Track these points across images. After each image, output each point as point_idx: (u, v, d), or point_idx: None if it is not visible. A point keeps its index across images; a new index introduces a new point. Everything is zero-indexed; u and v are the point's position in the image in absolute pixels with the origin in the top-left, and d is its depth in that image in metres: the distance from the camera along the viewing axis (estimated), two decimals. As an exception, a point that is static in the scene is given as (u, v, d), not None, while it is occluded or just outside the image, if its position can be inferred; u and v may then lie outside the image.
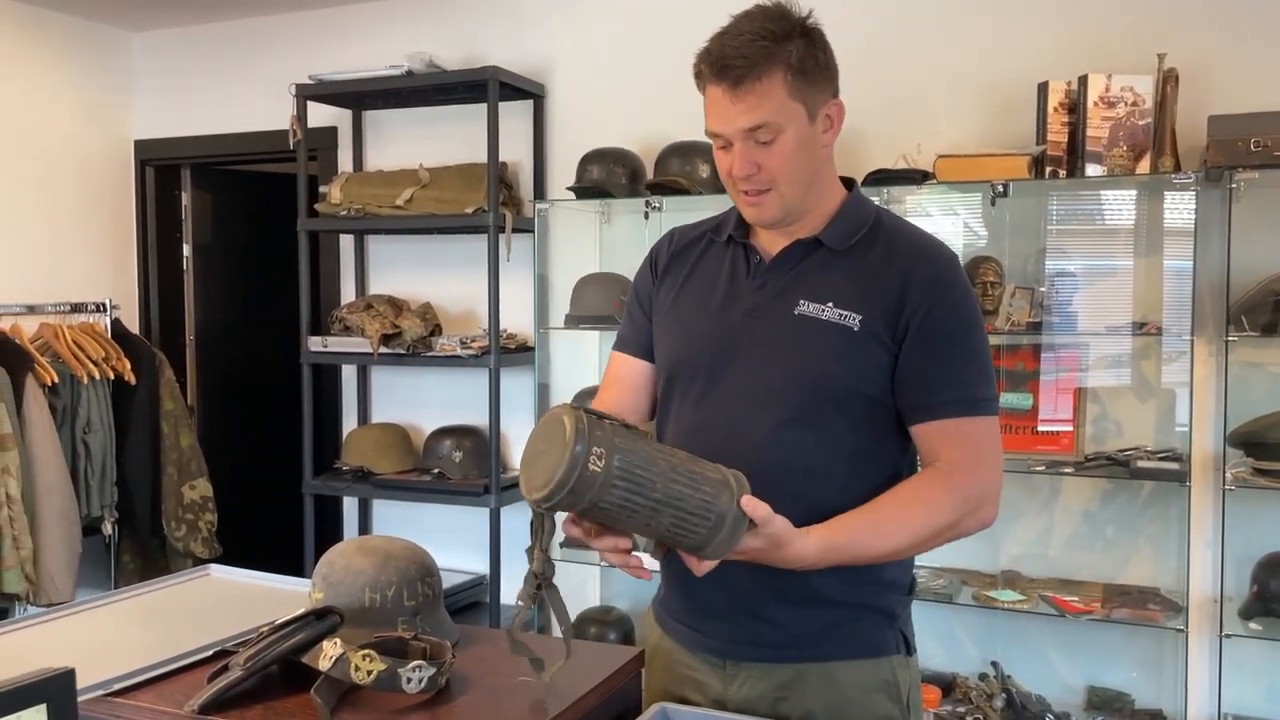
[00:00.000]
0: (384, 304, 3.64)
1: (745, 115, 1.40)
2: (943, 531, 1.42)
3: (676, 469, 1.24)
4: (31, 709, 0.92)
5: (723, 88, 1.41)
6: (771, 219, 1.49)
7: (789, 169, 1.43)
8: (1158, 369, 2.97)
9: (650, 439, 1.28)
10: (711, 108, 1.45)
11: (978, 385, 1.44)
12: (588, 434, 1.19)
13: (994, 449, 1.46)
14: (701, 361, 1.50)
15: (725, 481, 1.27)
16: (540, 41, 3.68)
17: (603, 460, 1.18)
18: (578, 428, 1.19)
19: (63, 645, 1.61)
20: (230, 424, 4.65)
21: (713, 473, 1.27)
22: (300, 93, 3.65)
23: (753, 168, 1.43)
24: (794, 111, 1.41)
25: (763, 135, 1.41)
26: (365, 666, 1.31)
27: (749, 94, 1.39)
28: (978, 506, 1.43)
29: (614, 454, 1.20)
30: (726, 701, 1.49)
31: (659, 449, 1.26)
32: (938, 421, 1.43)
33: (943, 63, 3.15)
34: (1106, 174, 2.81)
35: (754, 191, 1.45)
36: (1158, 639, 2.91)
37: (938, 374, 1.43)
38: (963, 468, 1.42)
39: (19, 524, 3.31)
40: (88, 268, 4.22)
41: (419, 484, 3.57)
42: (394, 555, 1.56)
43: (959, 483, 1.42)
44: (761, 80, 1.39)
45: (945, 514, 1.41)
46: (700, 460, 1.28)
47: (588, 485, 1.19)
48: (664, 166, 3.28)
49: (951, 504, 1.41)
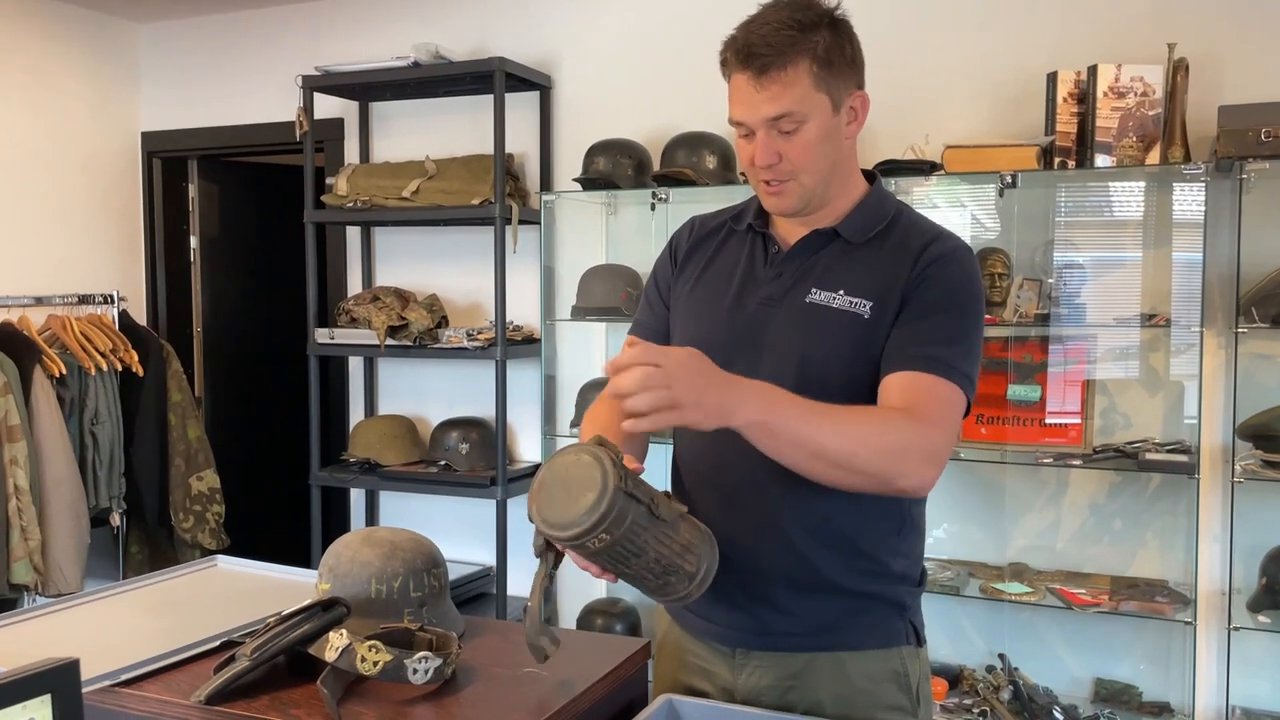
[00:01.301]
0: (390, 296, 3.64)
1: (769, 104, 1.39)
2: (880, 456, 1.30)
3: (670, 538, 1.27)
4: (36, 699, 0.92)
5: (748, 75, 1.40)
6: (791, 209, 1.48)
7: (811, 159, 1.42)
8: (1166, 361, 2.96)
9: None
10: (735, 95, 1.43)
11: (957, 357, 1.39)
12: (620, 490, 1.20)
13: (953, 416, 1.39)
14: (718, 350, 1.47)
15: (705, 536, 1.32)
16: (547, 33, 3.67)
17: (629, 513, 1.21)
18: (615, 485, 1.20)
19: (70, 636, 1.61)
20: (237, 415, 4.66)
21: (696, 532, 1.31)
22: (307, 84, 3.64)
23: (774, 157, 1.42)
24: (818, 102, 1.40)
25: (786, 125, 1.40)
26: (371, 658, 1.31)
27: (773, 83, 1.38)
28: (924, 455, 1.33)
29: (631, 504, 1.22)
30: (735, 690, 1.49)
31: (672, 518, 1.29)
32: (904, 373, 1.38)
33: (951, 53, 3.14)
34: (1116, 165, 2.80)
35: (775, 181, 1.45)
36: (1165, 632, 2.90)
37: (912, 334, 1.40)
38: (920, 414, 1.34)
39: (27, 515, 3.32)
40: (95, 260, 4.22)
41: (425, 476, 3.57)
42: (400, 547, 1.56)
43: (917, 418, 1.34)
44: (787, 70, 1.38)
45: (890, 437, 1.31)
46: (694, 529, 1.32)
47: (614, 535, 1.21)
48: (670, 158, 3.27)
49: (899, 431, 1.32)
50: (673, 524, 1.28)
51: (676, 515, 1.29)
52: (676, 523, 1.28)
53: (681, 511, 1.30)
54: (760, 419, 1.26)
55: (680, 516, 1.30)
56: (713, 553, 1.31)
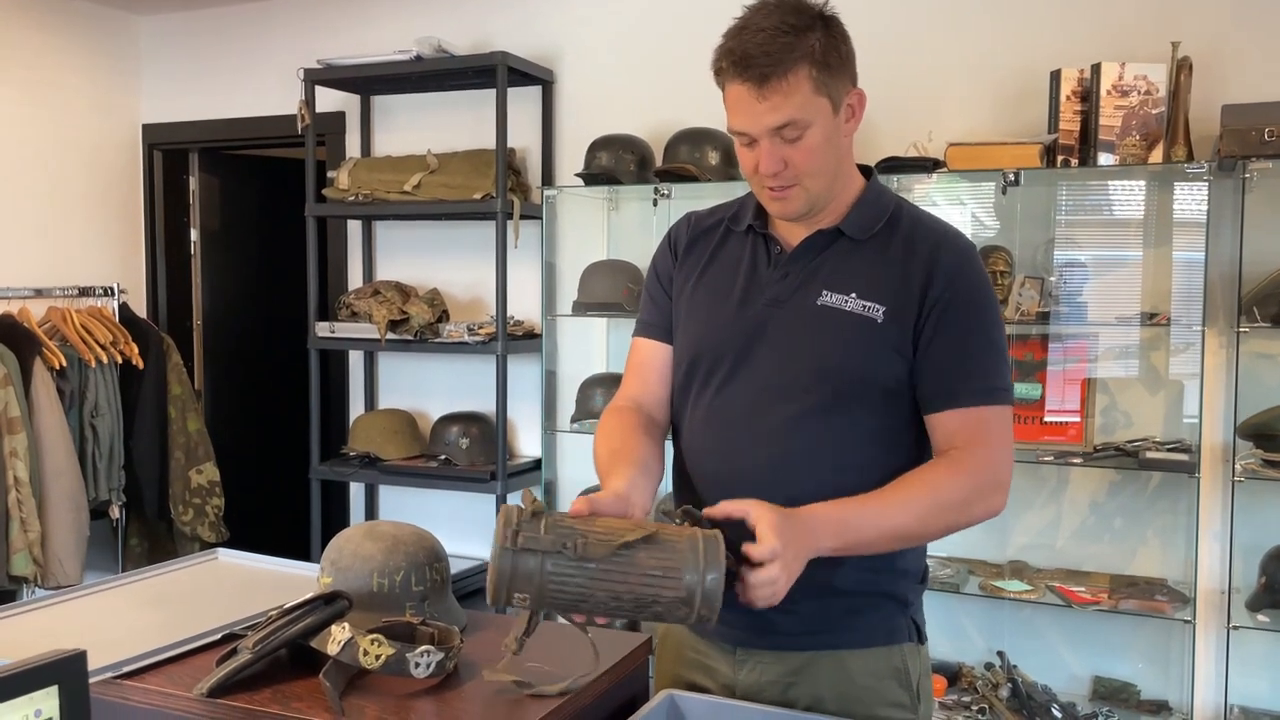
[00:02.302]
0: (391, 290, 3.63)
1: (772, 114, 1.37)
2: (950, 512, 1.40)
3: (622, 592, 1.21)
4: (44, 690, 0.92)
5: (747, 86, 1.37)
6: (796, 213, 1.47)
7: (816, 163, 1.41)
8: (1167, 360, 2.96)
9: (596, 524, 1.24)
10: (736, 106, 1.41)
11: (994, 375, 1.43)
12: (518, 537, 1.20)
13: (1006, 436, 1.45)
14: (723, 351, 1.49)
15: (686, 554, 1.22)
16: (549, 27, 3.66)
17: (524, 597, 1.21)
18: (508, 531, 1.20)
19: (71, 628, 1.61)
20: (237, 409, 4.65)
21: (670, 554, 1.22)
22: (308, 77, 3.64)
23: (780, 164, 1.40)
24: (820, 106, 1.39)
25: (790, 133, 1.38)
26: (374, 651, 1.31)
27: (774, 93, 1.36)
28: (988, 490, 1.41)
29: (541, 587, 1.21)
30: (736, 687, 1.49)
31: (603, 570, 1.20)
32: (953, 411, 1.42)
33: (955, 50, 3.14)
34: (1119, 163, 2.80)
35: (779, 187, 1.43)
36: (1164, 630, 2.91)
37: (955, 363, 1.42)
38: (973, 452, 1.41)
39: (27, 507, 3.32)
40: (95, 252, 4.22)
41: (425, 470, 3.57)
42: (402, 541, 1.56)
43: (968, 465, 1.40)
44: (787, 78, 1.36)
45: (952, 494, 1.39)
46: (661, 537, 1.23)
47: (529, 584, 1.20)
48: (673, 153, 3.27)
49: (959, 485, 1.40)
50: (614, 559, 1.20)
51: (613, 549, 1.20)
52: (621, 556, 1.20)
53: (645, 534, 1.22)
54: (836, 546, 1.33)
55: (642, 542, 1.21)
56: (708, 567, 1.21)
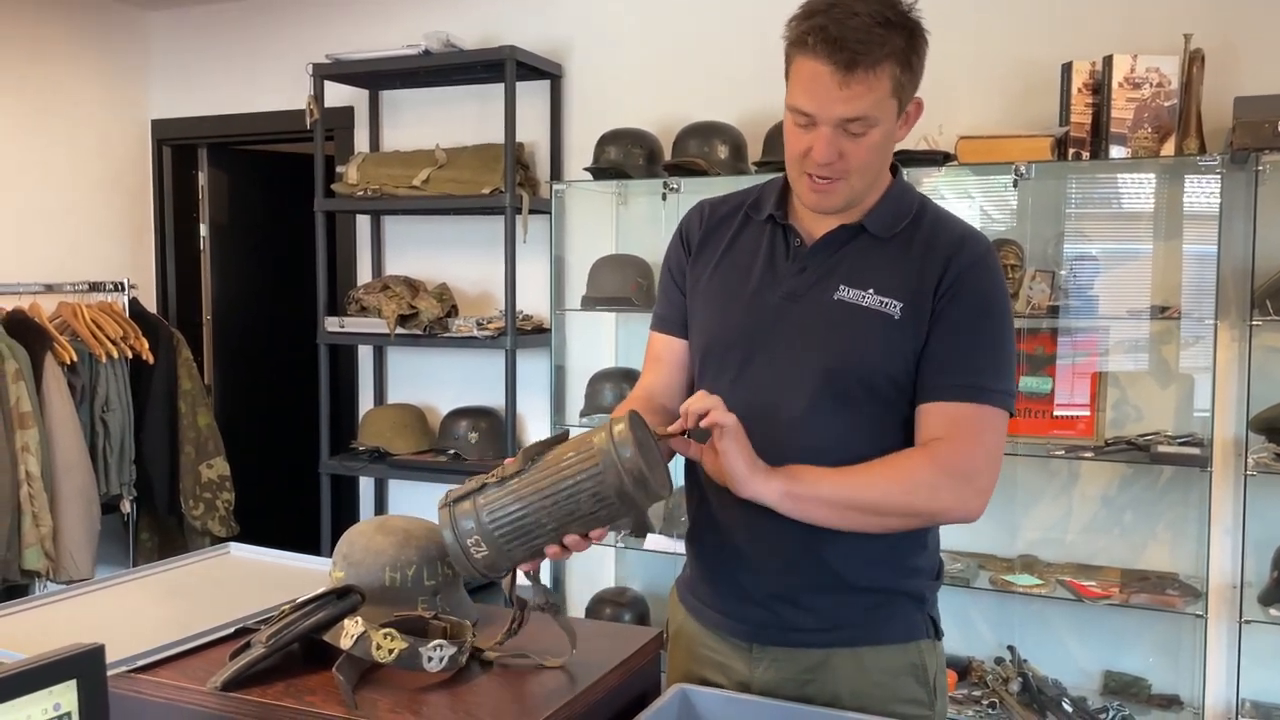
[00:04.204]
0: (400, 285, 3.64)
1: (848, 104, 1.32)
2: (913, 495, 1.35)
3: (549, 490, 1.26)
4: (63, 684, 0.92)
5: (831, 68, 1.30)
6: (835, 207, 1.43)
7: (869, 162, 1.38)
8: (1178, 353, 2.95)
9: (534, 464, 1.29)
10: (809, 85, 1.33)
11: (990, 374, 1.39)
12: (452, 524, 1.30)
13: (992, 438, 1.39)
14: (736, 343, 1.47)
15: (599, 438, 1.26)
16: (558, 21, 3.66)
17: (475, 539, 1.28)
18: (442, 521, 1.31)
19: (84, 622, 1.61)
20: (247, 404, 4.66)
21: (583, 444, 1.27)
22: (317, 72, 3.64)
23: (835, 156, 1.36)
24: (890, 107, 1.36)
25: (857, 127, 1.34)
26: (386, 645, 1.31)
27: (858, 83, 1.31)
28: (960, 482, 1.36)
29: (482, 522, 1.28)
30: (751, 684, 1.48)
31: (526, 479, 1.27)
32: (941, 403, 1.39)
33: (966, 42, 3.12)
34: (1130, 156, 2.78)
35: (825, 179, 1.39)
36: (1176, 624, 2.90)
37: (951, 356, 1.39)
38: (952, 444, 1.37)
39: (39, 501, 3.33)
40: (105, 247, 4.23)
41: (435, 464, 3.57)
42: (414, 535, 1.56)
43: (943, 454, 1.36)
44: (875, 71, 1.31)
45: (918, 475, 1.35)
46: (577, 437, 1.29)
47: (473, 557, 1.30)
48: (682, 147, 3.26)
49: (927, 468, 1.36)
50: (531, 468, 1.27)
51: (528, 459, 1.28)
52: (537, 461, 1.28)
53: (557, 438, 1.31)
54: (786, 487, 1.34)
55: (554, 442, 1.29)
56: (620, 443, 1.24)
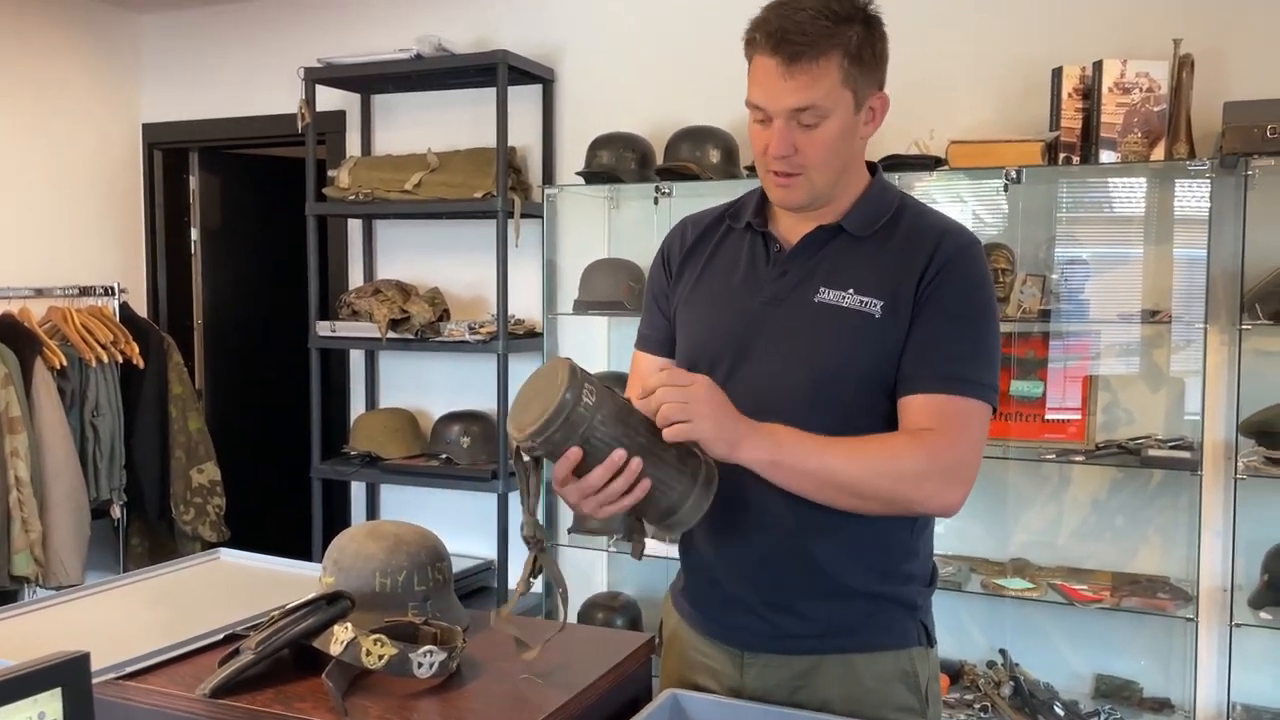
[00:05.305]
0: (392, 289, 3.63)
1: (794, 94, 1.36)
2: (900, 482, 1.34)
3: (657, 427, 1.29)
4: (47, 693, 0.92)
5: (776, 61, 1.36)
6: (797, 203, 1.45)
7: (826, 156, 1.40)
8: (1169, 357, 2.96)
9: None
10: (760, 80, 1.39)
11: (971, 366, 1.39)
12: (581, 375, 1.26)
13: (974, 432, 1.39)
14: (721, 351, 1.47)
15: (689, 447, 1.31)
16: (550, 25, 3.66)
17: (594, 397, 1.25)
18: (572, 368, 1.26)
19: (73, 628, 1.61)
20: (238, 408, 4.65)
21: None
22: (309, 76, 3.63)
23: (789, 148, 1.39)
24: (843, 98, 1.38)
25: (807, 118, 1.37)
26: (376, 651, 1.31)
27: (802, 73, 1.35)
28: (947, 474, 1.35)
29: (604, 396, 1.27)
30: (742, 690, 1.48)
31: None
32: (923, 395, 1.38)
33: (956, 47, 3.13)
34: (1121, 160, 2.79)
35: (784, 173, 1.42)
36: (1167, 628, 2.90)
37: (931, 347, 1.39)
38: (944, 438, 1.36)
39: (28, 506, 3.31)
40: (96, 251, 4.21)
41: (427, 469, 3.56)
42: (405, 540, 1.56)
43: (930, 443, 1.35)
44: (818, 61, 1.35)
45: (905, 462, 1.34)
46: None
47: (581, 419, 1.24)
48: (674, 151, 3.26)
49: (916, 456, 1.34)
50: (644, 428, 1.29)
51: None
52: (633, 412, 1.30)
53: None
54: (768, 456, 1.31)
55: None
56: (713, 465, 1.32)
